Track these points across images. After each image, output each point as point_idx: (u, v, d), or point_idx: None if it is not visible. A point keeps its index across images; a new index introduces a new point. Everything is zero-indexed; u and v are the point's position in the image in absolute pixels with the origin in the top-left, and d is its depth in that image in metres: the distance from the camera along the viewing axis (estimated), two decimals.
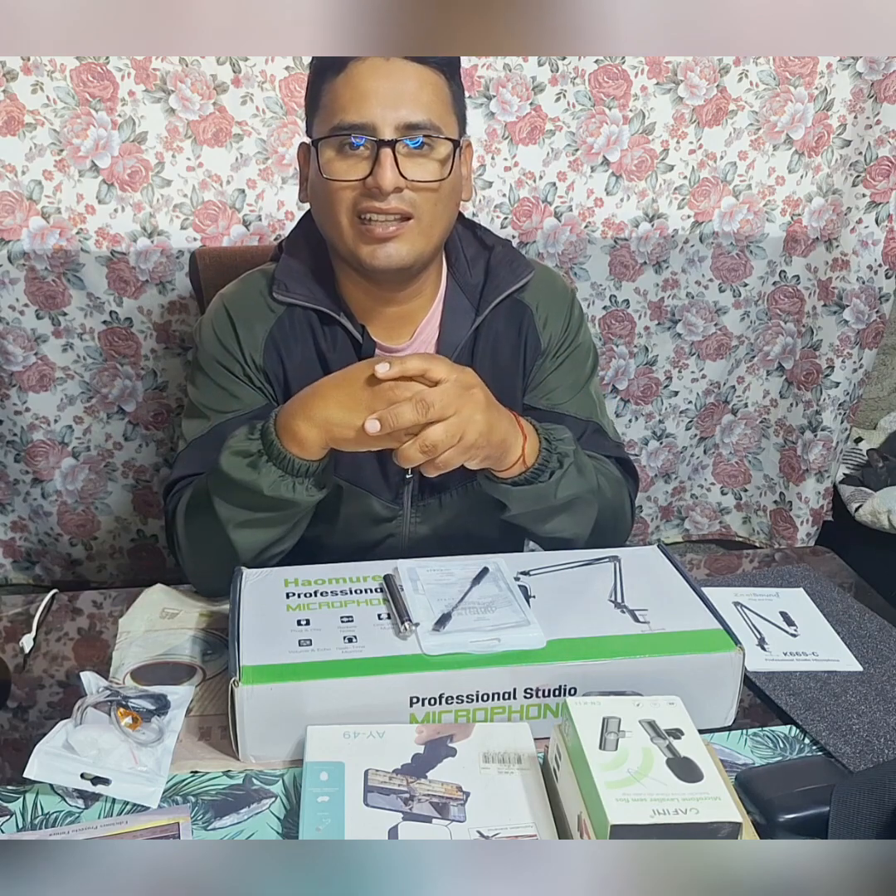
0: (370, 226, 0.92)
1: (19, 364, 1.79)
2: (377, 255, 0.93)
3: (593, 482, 0.98)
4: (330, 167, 0.92)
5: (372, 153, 0.90)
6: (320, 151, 0.92)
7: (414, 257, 0.95)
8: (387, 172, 0.89)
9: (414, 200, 0.92)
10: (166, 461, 1.95)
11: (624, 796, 0.60)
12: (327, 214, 0.95)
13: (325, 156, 0.92)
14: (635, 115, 1.79)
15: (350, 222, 0.93)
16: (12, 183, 1.63)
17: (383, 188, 0.89)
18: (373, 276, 0.97)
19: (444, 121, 0.92)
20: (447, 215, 0.97)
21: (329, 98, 0.92)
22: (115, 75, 1.59)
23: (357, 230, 0.93)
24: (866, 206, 1.88)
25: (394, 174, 0.89)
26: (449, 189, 0.95)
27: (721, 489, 2.27)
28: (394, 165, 0.89)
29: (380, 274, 0.96)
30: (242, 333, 1.02)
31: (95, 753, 0.72)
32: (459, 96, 0.97)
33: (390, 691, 0.75)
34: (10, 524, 2.00)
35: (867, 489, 2.11)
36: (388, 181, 0.89)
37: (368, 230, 0.92)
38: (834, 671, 0.88)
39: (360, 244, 0.94)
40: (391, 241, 0.93)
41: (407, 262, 0.95)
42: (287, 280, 1.02)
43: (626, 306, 1.99)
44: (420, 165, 0.91)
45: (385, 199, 0.90)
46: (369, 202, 0.91)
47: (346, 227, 0.94)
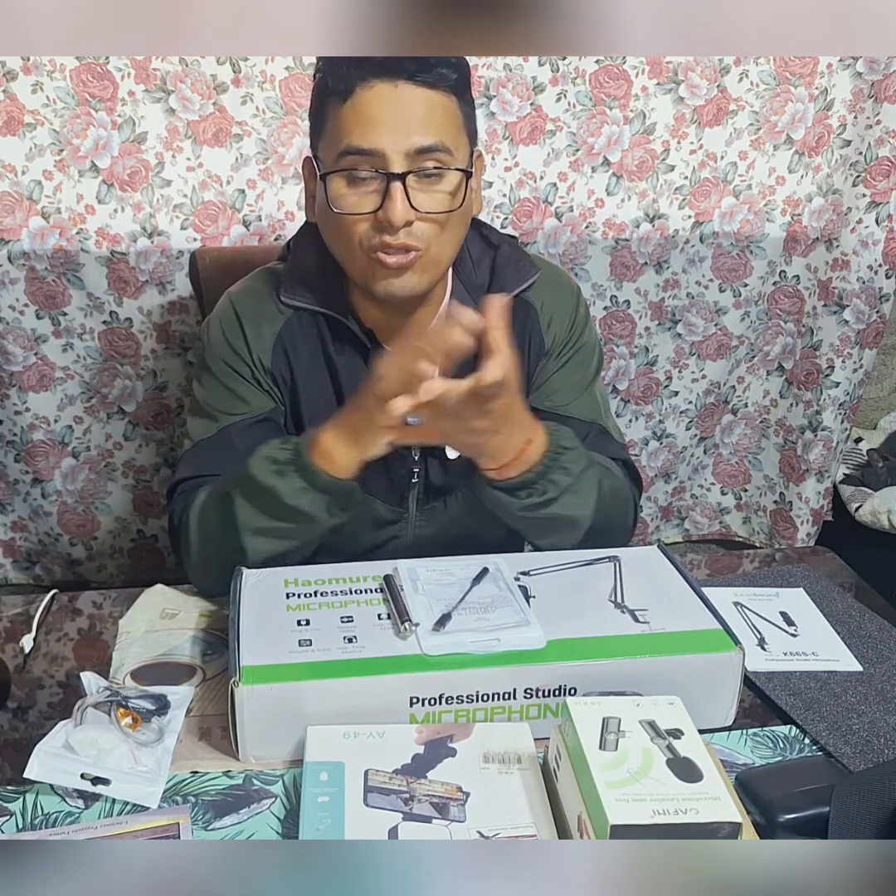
0: (382, 257, 0.90)
1: (19, 364, 1.79)
2: (392, 286, 0.92)
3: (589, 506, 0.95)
4: (340, 200, 0.90)
5: (382, 185, 0.88)
6: (328, 184, 0.90)
7: (426, 285, 0.94)
8: (398, 206, 0.87)
9: (423, 232, 0.90)
10: (166, 461, 1.95)
11: (624, 796, 0.60)
12: (338, 244, 0.94)
13: (333, 186, 0.90)
14: (636, 116, 1.79)
15: (362, 254, 0.92)
16: (12, 183, 1.63)
17: (394, 223, 0.87)
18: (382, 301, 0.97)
19: (455, 143, 0.91)
20: (456, 240, 0.95)
21: (334, 124, 0.90)
22: (115, 75, 1.59)
23: (369, 261, 0.92)
24: (866, 206, 1.88)
25: (405, 207, 0.87)
26: (460, 215, 0.93)
27: (721, 489, 2.27)
28: (405, 199, 0.87)
29: (391, 300, 0.95)
30: (250, 334, 1.01)
31: (95, 753, 0.72)
32: (470, 113, 0.95)
33: (390, 691, 0.75)
34: (10, 524, 2.00)
35: (867, 489, 2.11)
36: (398, 216, 0.87)
37: (380, 260, 0.90)
38: (834, 671, 0.88)
39: (373, 275, 0.92)
40: (405, 273, 0.92)
41: (419, 290, 0.94)
42: (295, 283, 1.01)
43: (626, 307, 1.99)
44: (431, 196, 0.90)
45: (395, 233, 0.89)
46: (380, 237, 0.89)
47: (359, 257, 0.92)
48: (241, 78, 1.63)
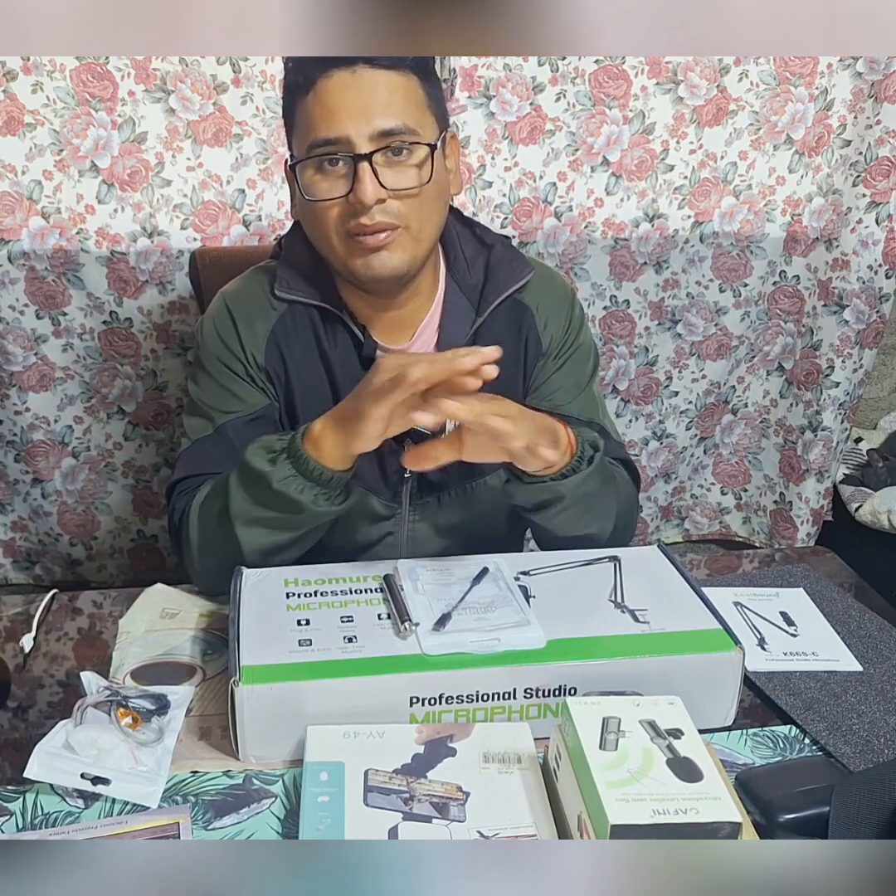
0: (360, 238, 0.92)
1: (19, 364, 1.80)
2: (371, 264, 0.93)
3: (611, 472, 0.99)
4: (311, 188, 0.92)
5: (350, 168, 0.90)
6: (300, 173, 0.92)
7: (408, 263, 0.95)
8: (367, 187, 0.88)
9: (398, 210, 0.91)
10: (166, 461, 1.95)
11: (624, 796, 0.60)
12: (317, 233, 0.96)
13: (304, 177, 0.92)
14: (635, 115, 1.79)
15: (340, 238, 0.93)
16: (12, 183, 1.63)
17: (365, 203, 0.89)
18: (368, 286, 0.98)
19: (420, 123, 0.92)
20: (436, 216, 0.97)
21: (301, 118, 0.92)
22: (115, 75, 1.59)
23: (347, 244, 0.93)
24: (866, 206, 1.88)
25: (374, 187, 0.89)
26: (434, 190, 0.94)
27: (721, 489, 2.27)
28: (373, 178, 0.89)
29: (375, 283, 0.96)
30: (244, 332, 1.02)
31: (95, 753, 0.72)
32: (435, 94, 0.95)
33: (390, 691, 0.75)
34: (10, 524, 2.00)
35: (867, 489, 2.11)
36: (369, 195, 0.88)
37: (359, 242, 0.92)
38: (834, 671, 0.88)
39: (354, 257, 0.94)
40: (383, 250, 0.93)
41: (401, 269, 0.95)
42: (289, 277, 1.02)
43: (626, 306, 1.99)
44: (400, 173, 0.91)
45: (369, 212, 0.90)
46: (355, 220, 0.91)
47: (337, 243, 0.94)
48: (241, 78, 1.63)
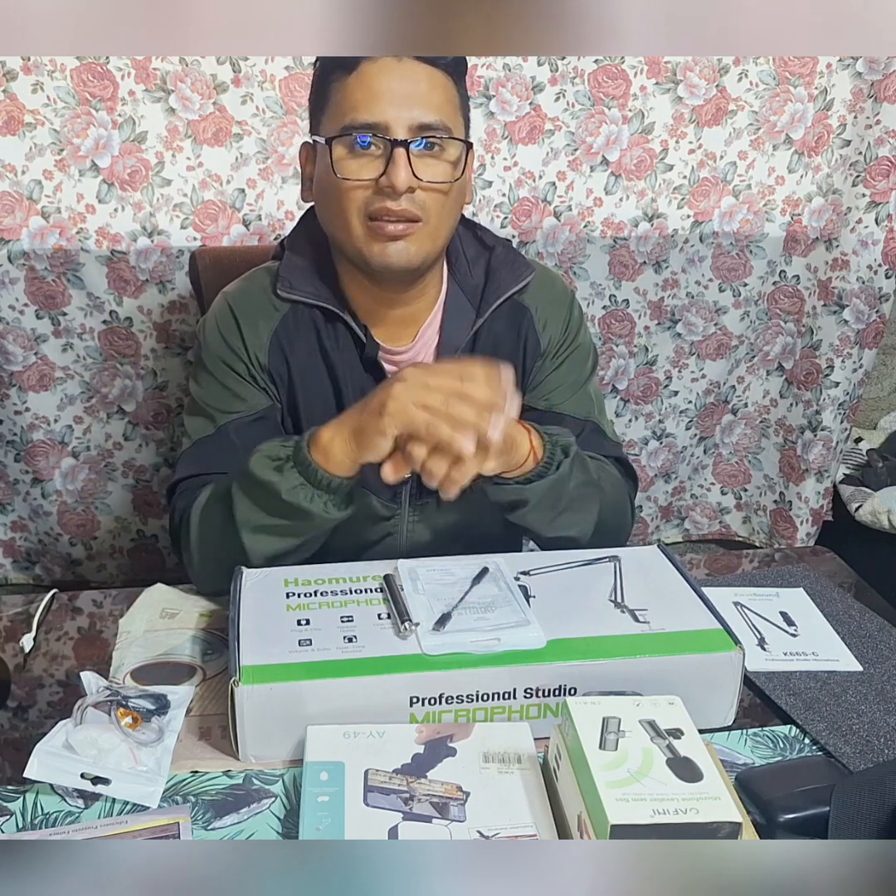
0: (381, 223, 0.92)
1: (19, 364, 1.79)
2: (387, 252, 0.93)
3: (594, 475, 0.98)
4: (342, 166, 0.91)
5: (385, 153, 0.90)
6: (333, 151, 0.91)
7: (421, 258, 0.95)
8: (401, 172, 0.88)
9: (424, 202, 0.92)
10: (166, 461, 1.95)
11: (624, 796, 0.60)
12: (337, 214, 0.95)
13: (337, 154, 0.91)
14: (635, 115, 1.79)
15: (360, 221, 0.93)
16: (12, 183, 1.63)
17: (397, 187, 0.89)
18: (378, 276, 0.97)
19: (453, 122, 0.93)
20: (453, 217, 0.97)
21: (340, 97, 0.91)
22: (115, 75, 1.59)
23: (367, 228, 0.93)
24: (866, 205, 1.88)
25: (407, 174, 0.89)
26: (457, 191, 0.95)
27: (721, 489, 2.27)
28: (407, 165, 0.89)
29: (387, 273, 0.96)
30: (247, 332, 1.02)
31: (95, 753, 0.72)
32: (465, 100, 0.97)
33: (390, 691, 0.75)
34: (10, 524, 2.00)
35: (867, 489, 2.11)
36: (401, 181, 0.88)
37: (379, 227, 0.92)
38: (834, 671, 0.88)
39: (371, 242, 0.93)
40: (401, 240, 0.93)
41: (414, 262, 0.95)
42: (291, 277, 1.01)
43: (625, 306, 1.99)
44: (431, 167, 0.91)
45: (397, 199, 0.90)
46: (381, 203, 0.91)
47: (357, 226, 0.93)
48: (241, 78, 1.63)
